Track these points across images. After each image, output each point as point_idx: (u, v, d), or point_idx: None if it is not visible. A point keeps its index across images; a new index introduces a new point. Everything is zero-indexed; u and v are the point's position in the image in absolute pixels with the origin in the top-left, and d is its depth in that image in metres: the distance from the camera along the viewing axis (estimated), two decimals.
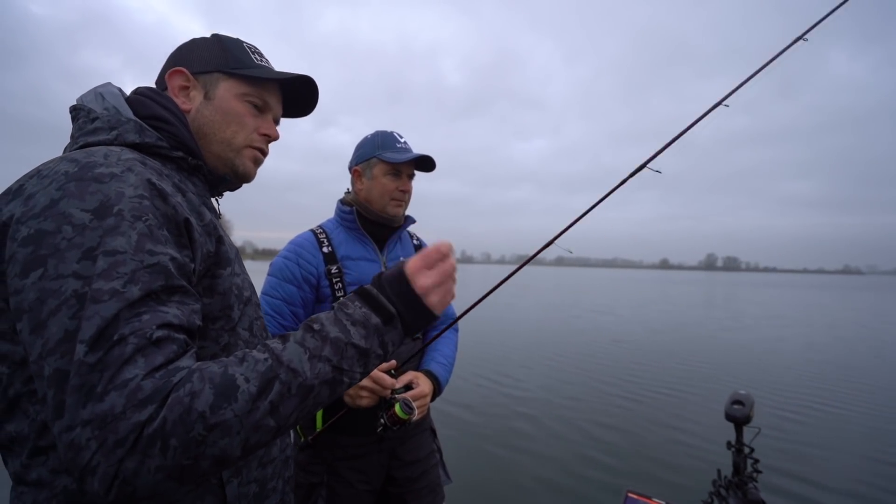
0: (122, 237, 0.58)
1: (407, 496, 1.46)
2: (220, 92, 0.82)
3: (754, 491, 1.06)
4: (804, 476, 3.67)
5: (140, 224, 0.60)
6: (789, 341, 10.38)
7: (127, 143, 0.71)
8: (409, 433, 1.48)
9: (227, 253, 0.74)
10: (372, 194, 1.45)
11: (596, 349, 8.82)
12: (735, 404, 1.12)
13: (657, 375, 6.90)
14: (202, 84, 0.82)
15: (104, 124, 0.72)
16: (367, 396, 1.28)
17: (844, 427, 4.84)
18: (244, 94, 0.83)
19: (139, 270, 0.58)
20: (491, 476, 3.59)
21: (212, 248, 0.71)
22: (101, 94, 0.76)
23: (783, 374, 7.11)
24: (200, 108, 0.82)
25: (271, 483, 0.79)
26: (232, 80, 0.83)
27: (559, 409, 5.25)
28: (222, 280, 0.72)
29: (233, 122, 0.83)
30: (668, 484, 3.46)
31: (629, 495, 1.08)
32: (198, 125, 0.82)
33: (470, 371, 6.72)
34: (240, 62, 0.83)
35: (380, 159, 1.43)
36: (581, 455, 4.02)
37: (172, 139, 0.77)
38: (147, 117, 0.76)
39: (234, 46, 0.84)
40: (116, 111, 0.74)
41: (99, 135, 0.71)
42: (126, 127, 0.72)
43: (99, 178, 0.60)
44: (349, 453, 1.39)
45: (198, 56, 0.82)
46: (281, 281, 1.38)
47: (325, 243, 1.44)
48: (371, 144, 1.46)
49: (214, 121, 0.82)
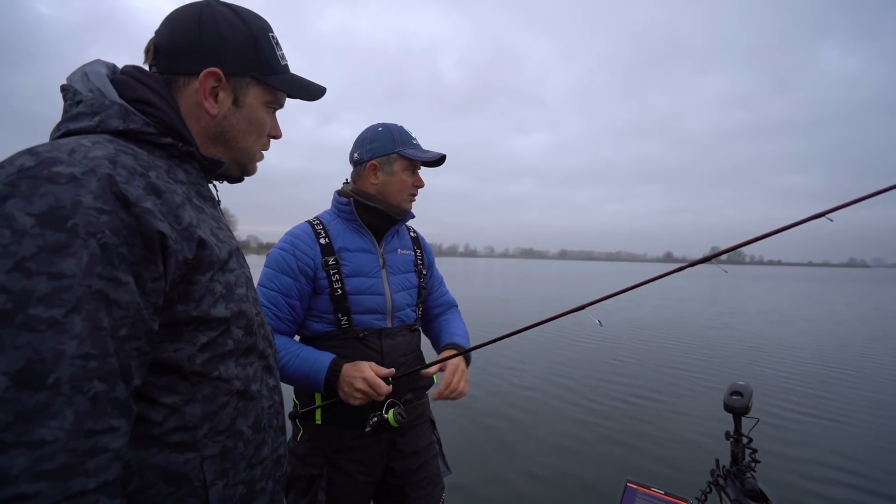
0: (73, 258, 0.52)
1: (406, 487, 1.47)
2: (249, 100, 0.78)
3: (752, 480, 1.07)
4: (802, 466, 3.71)
5: (93, 242, 0.53)
6: (788, 333, 10.37)
7: (110, 129, 0.66)
8: (409, 424, 1.48)
9: (209, 256, 0.68)
10: (389, 189, 1.45)
11: (595, 341, 8.83)
12: (734, 395, 1.13)
13: (657, 367, 6.93)
14: (232, 87, 0.76)
15: (87, 108, 0.66)
16: (359, 398, 1.28)
17: (842, 417, 4.86)
18: (269, 101, 0.81)
19: (86, 297, 0.52)
20: (489, 466, 3.62)
21: (189, 255, 0.65)
22: (87, 73, 0.70)
23: (782, 366, 7.13)
24: (228, 115, 0.77)
25: (260, 484, 0.77)
26: (261, 86, 0.79)
27: (558, 400, 5.27)
28: (199, 286, 0.67)
29: (255, 130, 0.81)
30: (667, 473, 3.51)
31: (628, 485, 1.09)
32: (220, 130, 0.78)
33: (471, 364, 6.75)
34: (271, 66, 0.79)
35: (401, 155, 1.43)
36: (580, 445, 4.05)
37: (161, 124, 0.70)
38: (133, 100, 0.69)
39: (266, 45, 0.79)
40: (101, 93, 0.68)
41: (81, 121, 0.65)
42: (110, 112, 0.66)
43: (54, 179, 0.53)
44: (348, 445, 1.40)
45: (233, 54, 0.76)
46: (277, 273, 1.37)
47: (323, 234, 1.42)
48: (390, 139, 1.44)
49: (241, 129, 0.79)
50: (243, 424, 0.73)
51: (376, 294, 1.43)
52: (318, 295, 1.40)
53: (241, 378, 0.73)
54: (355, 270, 1.41)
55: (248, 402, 0.75)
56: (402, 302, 1.48)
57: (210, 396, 0.69)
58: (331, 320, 1.40)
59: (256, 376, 0.77)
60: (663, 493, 1.05)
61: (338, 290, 1.38)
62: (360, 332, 1.40)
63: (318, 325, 1.42)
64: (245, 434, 0.74)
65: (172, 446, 0.65)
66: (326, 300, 1.39)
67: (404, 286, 1.50)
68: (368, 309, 1.41)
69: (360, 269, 1.42)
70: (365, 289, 1.41)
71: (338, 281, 1.39)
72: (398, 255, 1.53)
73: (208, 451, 0.68)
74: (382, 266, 1.47)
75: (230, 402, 0.71)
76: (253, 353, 0.77)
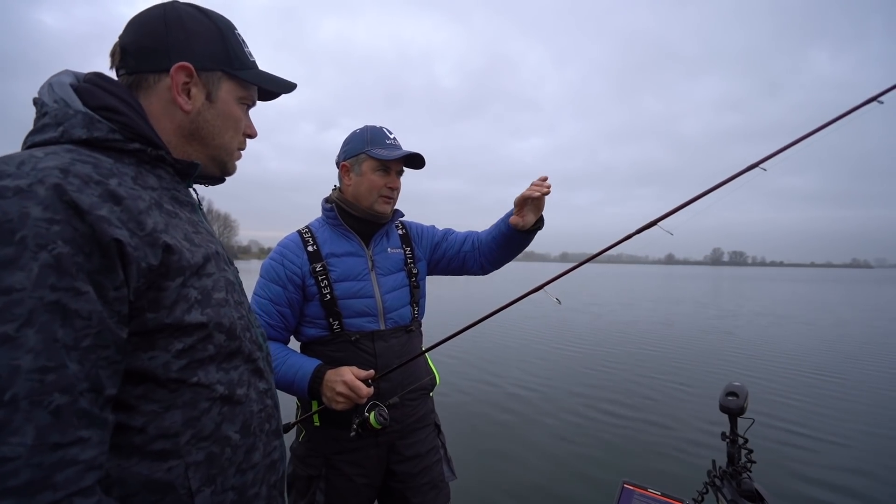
0: (22, 272, 0.50)
1: (407, 492, 1.47)
2: (222, 94, 0.78)
3: (748, 481, 1.08)
4: (798, 466, 3.71)
5: (44, 254, 0.52)
6: (785, 335, 10.36)
7: (74, 139, 0.64)
8: (409, 427, 1.48)
9: (178, 262, 0.66)
10: (360, 190, 1.44)
11: (590, 343, 8.87)
12: (729, 396, 1.13)
13: (652, 368, 6.94)
14: (204, 82, 0.76)
15: (52, 120, 0.65)
16: (342, 402, 1.29)
17: (839, 418, 4.86)
18: (242, 97, 0.81)
19: (37, 310, 0.51)
20: (482, 467, 3.62)
21: (154, 261, 0.63)
22: (52, 84, 0.69)
23: (778, 366, 7.13)
24: (202, 111, 0.76)
25: (252, 489, 0.75)
26: (233, 81, 0.79)
27: (554, 403, 5.27)
28: (169, 293, 0.65)
29: (230, 126, 0.80)
30: (664, 474, 3.52)
31: (625, 486, 1.09)
32: (195, 127, 0.77)
33: (468, 365, 6.74)
34: (240, 61, 0.79)
35: (369, 155, 1.42)
36: (577, 446, 4.06)
37: (127, 130, 0.68)
38: (98, 108, 0.68)
39: (233, 40, 0.79)
40: (65, 103, 0.67)
41: (46, 132, 0.65)
42: (73, 121, 0.65)
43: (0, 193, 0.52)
44: (346, 447, 1.41)
45: (201, 49, 0.75)
46: (268, 281, 1.41)
47: (311, 242, 1.44)
48: (360, 140, 1.44)
49: (215, 125, 0.78)
50: (230, 429, 0.72)
51: (366, 297, 1.43)
52: (309, 301, 1.42)
53: (223, 383, 0.72)
54: (343, 275, 1.43)
55: (233, 406, 0.73)
56: (393, 303, 1.48)
57: (191, 402, 0.67)
58: (323, 325, 1.42)
59: (243, 380, 0.76)
60: (660, 494, 1.06)
61: (327, 295, 1.40)
62: (353, 336, 1.41)
63: (313, 331, 1.44)
64: (232, 439, 0.72)
65: (154, 454, 0.64)
66: (317, 306, 1.41)
67: (395, 286, 1.50)
68: (358, 312, 1.42)
69: (348, 273, 1.43)
70: (354, 292, 1.42)
71: (326, 286, 1.40)
72: (388, 255, 1.52)
73: (192, 457, 0.67)
74: (371, 268, 1.47)
75: (213, 407, 0.70)
76: (237, 357, 0.75)
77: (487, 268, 1.63)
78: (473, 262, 1.62)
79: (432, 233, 1.66)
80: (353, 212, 1.46)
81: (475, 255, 1.61)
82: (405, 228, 1.63)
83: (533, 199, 1.40)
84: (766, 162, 1.19)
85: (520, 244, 1.54)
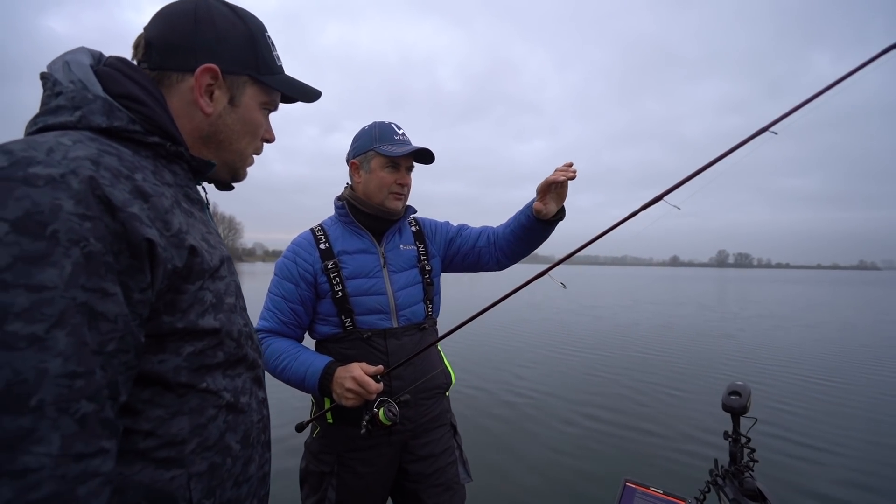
0: (54, 269, 0.47)
1: (420, 492, 1.46)
2: (245, 99, 0.75)
3: (750, 480, 1.08)
4: (800, 465, 3.69)
5: (76, 251, 0.49)
6: (789, 336, 10.28)
7: (92, 126, 0.60)
8: (423, 427, 1.47)
9: (201, 264, 0.64)
10: (370, 187, 1.44)
11: (593, 342, 8.87)
12: (732, 395, 1.14)
13: (655, 367, 6.92)
14: (228, 85, 0.73)
15: (67, 102, 0.61)
16: (351, 398, 1.29)
17: (840, 417, 4.83)
18: (265, 102, 0.79)
19: (69, 311, 0.48)
20: (485, 465, 3.61)
21: (179, 264, 0.61)
22: (68, 62, 0.64)
23: (781, 366, 7.10)
24: (223, 115, 0.74)
25: (245, 502, 0.73)
26: (257, 86, 0.76)
27: (557, 401, 5.28)
28: (187, 296, 0.63)
29: (249, 132, 0.78)
30: (666, 473, 3.51)
31: (627, 484, 1.10)
32: (214, 130, 0.74)
33: (474, 363, 6.74)
34: (267, 66, 0.77)
35: (377, 152, 1.42)
36: (579, 445, 4.06)
37: (147, 122, 0.65)
38: (119, 96, 0.64)
39: (263, 44, 0.76)
40: (83, 86, 0.62)
41: (60, 115, 0.60)
42: (92, 107, 0.61)
43: (30, 181, 0.49)
44: (359, 445, 1.41)
45: (230, 51, 0.72)
46: (281, 279, 1.43)
47: (323, 240, 1.45)
48: (369, 136, 1.44)
49: (235, 130, 0.76)
50: (232, 439, 0.70)
51: (378, 294, 1.44)
52: (321, 299, 1.43)
53: (229, 390, 0.70)
54: (355, 272, 1.43)
55: (237, 415, 0.71)
56: (406, 300, 1.47)
57: (198, 409, 0.65)
58: (336, 322, 1.43)
59: (245, 388, 0.74)
60: (662, 493, 1.06)
61: (338, 292, 1.41)
62: (365, 333, 1.41)
63: (326, 328, 1.45)
64: (234, 449, 0.70)
65: (158, 462, 0.61)
66: (329, 303, 1.42)
67: (408, 283, 1.49)
68: (371, 309, 1.42)
69: (360, 271, 1.43)
70: (366, 289, 1.43)
71: (338, 283, 1.41)
72: (400, 251, 1.51)
73: (196, 467, 0.64)
74: (384, 265, 1.47)
75: (219, 415, 0.68)
76: (241, 365, 0.73)
77: (504, 262, 1.60)
78: (489, 257, 1.60)
79: (446, 229, 1.65)
80: (364, 209, 1.46)
81: (490, 249, 1.60)
82: (419, 225, 1.62)
83: (557, 185, 1.36)
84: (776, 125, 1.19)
85: (539, 236, 1.51)
